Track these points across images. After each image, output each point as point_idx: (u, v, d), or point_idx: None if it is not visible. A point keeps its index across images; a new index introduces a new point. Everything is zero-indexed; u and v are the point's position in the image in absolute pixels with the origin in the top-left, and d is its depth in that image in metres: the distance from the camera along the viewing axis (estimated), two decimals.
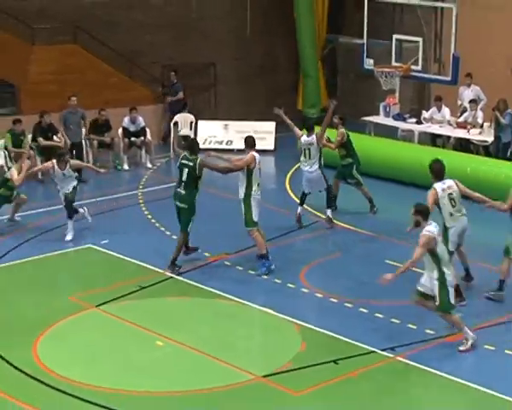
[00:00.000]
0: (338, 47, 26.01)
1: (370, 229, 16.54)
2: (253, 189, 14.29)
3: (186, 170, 14.14)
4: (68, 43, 21.70)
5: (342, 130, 17.50)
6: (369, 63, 22.40)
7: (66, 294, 13.54)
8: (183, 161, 14.26)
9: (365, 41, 22.33)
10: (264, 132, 22.91)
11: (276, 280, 14.09)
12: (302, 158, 16.59)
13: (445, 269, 11.65)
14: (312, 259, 15.09)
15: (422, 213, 11.81)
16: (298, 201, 17.07)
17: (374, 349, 11.78)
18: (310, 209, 17.61)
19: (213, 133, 22.97)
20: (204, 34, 24.42)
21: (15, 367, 11.24)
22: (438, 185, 13.01)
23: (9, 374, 11.13)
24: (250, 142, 14.71)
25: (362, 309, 13.12)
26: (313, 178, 16.39)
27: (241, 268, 14.62)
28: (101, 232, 16.34)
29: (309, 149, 16.42)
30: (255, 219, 14.26)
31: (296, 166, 21.25)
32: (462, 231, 13.28)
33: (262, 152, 22.26)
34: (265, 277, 14.24)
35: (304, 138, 16.56)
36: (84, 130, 20.58)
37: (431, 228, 11.65)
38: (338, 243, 15.98)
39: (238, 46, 25.21)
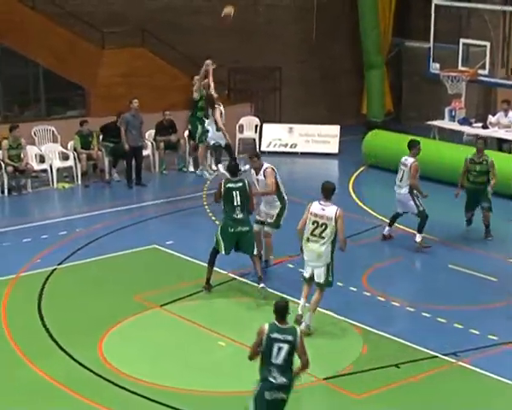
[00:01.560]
0: (404, 51, 25.80)
1: (432, 233, 16.36)
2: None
3: (237, 192, 13.54)
4: (136, 46, 21.93)
5: (492, 160, 16.25)
6: (435, 67, 22.19)
7: (130, 293, 13.67)
8: (230, 185, 13.56)
9: (431, 45, 22.11)
10: (329, 136, 22.87)
11: (339, 283, 14.00)
12: (396, 176, 15.99)
13: None
14: (374, 262, 15.01)
15: None
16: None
17: (436, 354, 11.68)
18: (372, 213, 17.53)
19: (278, 136, 23.00)
20: (270, 38, 24.47)
21: (82, 365, 11.41)
22: None
23: (76, 372, 11.29)
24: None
25: (424, 313, 13.00)
26: (401, 199, 15.84)
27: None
28: (165, 233, 16.49)
29: (403, 171, 15.78)
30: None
31: (360, 169, 21.23)
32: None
33: (326, 155, 22.38)
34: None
35: (403, 158, 15.88)
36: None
37: None
38: (400, 247, 15.84)
39: (304, 50, 25.19)
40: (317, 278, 12.31)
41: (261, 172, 14.31)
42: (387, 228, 16.08)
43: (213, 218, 17.47)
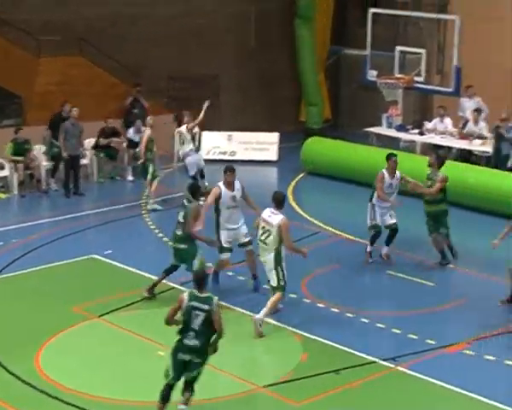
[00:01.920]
0: (342, 58, 26.01)
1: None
2: None
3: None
4: (74, 55, 21.72)
5: (444, 175, 15.09)
6: (372, 74, 22.40)
7: (69, 304, 13.49)
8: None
9: (369, 52, 22.32)
10: (267, 143, 22.93)
11: None
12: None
13: None
14: (314, 269, 15.04)
15: None
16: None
17: (375, 359, 11.75)
18: (310, 219, 17.60)
19: (217, 144, 22.98)
20: (208, 46, 24.46)
21: (18, 378, 11.21)
22: None
23: (12, 384, 11.10)
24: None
25: (363, 319, 13.08)
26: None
27: (242, 278, 14.58)
28: (104, 243, 16.34)
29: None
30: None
31: (299, 176, 21.30)
32: None
33: (265, 163, 22.44)
34: (267, 287, 14.18)
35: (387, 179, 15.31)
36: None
37: None
38: (339, 253, 15.92)
39: (242, 57, 25.25)
40: (272, 282, 12.80)
41: (237, 187, 14.01)
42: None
43: (152, 227, 17.38)
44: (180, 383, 10.12)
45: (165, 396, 10.10)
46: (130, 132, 21.08)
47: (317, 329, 12.63)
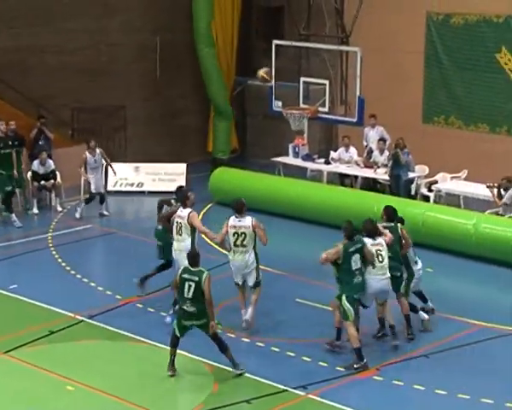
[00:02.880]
0: (247, 89, 26.20)
1: (280, 268, 16.57)
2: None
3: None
4: None
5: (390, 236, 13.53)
6: (277, 105, 22.60)
7: None
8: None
9: (273, 83, 22.54)
10: (175, 174, 22.86)
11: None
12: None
13: None
14: (222, 299, 14.99)
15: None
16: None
17: (286, 388, 11.79)
18: (218, 249, 17.58)
19: (124, 175, 22.79)
20: (114, 77, 24.33)
21: None
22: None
23: None
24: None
25: (273, 348, 13.13)
26: None
27: (152, 310, 14.47)
28: (9, 277, 16.01)
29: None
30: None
31: (208, 206, 21.28)
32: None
33: (173, 193, 22.28)
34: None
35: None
36: None
37: None
38: None
39: (148, 88, 25.18)
40: (250, 283, 13.80)
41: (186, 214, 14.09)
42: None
43: (59, 260, 17.10)
44: None
45: (175, 343, 12.10)
46: (35, 164, 20.73)
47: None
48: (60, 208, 20.88)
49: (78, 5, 23.46)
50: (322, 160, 22.42)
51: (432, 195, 20.45)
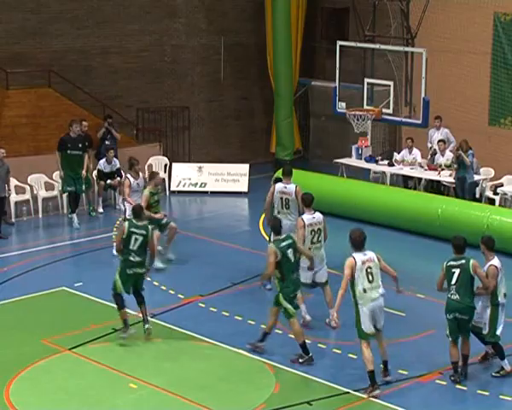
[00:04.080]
0: (310, 90, 26.18)
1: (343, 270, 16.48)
2: None
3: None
4: (43, 87, 21.66)
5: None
6: (341, 106, 22.52)
7: (39, 337, 13.37)
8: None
9: (337, 84, 22.47)
10: (238, 175, 22.95)
11: (250, 322, 14.02)
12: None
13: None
14: None
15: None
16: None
17: (347, 390, 11.72)
18: None
19: (187, 175, 22.96)
20: (178, 78, 24.55)
21: None
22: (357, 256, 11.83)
23: None
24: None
25: (335, 350, 13.07)
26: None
27: (214, 310, 14.54)
28: (75, 275, 16.23)
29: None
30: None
31: None
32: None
33: (236, 194, 22.41)
34: (239, 318, 14.19)
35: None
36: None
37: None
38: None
39: (212, 90, 25.34)
40: (322, 279, 13.96)
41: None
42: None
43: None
44: None
45: (122, 303, 13.26)
46: (101, 163, 21.01)
47: (289, 360, 12.60)
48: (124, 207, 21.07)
49: (142, 7, 23.74)
50: (386, 161, 22.27)
51: (497, 198, 20.16)
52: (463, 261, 11.92)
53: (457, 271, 11.84)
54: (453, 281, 11.83)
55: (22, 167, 20.13)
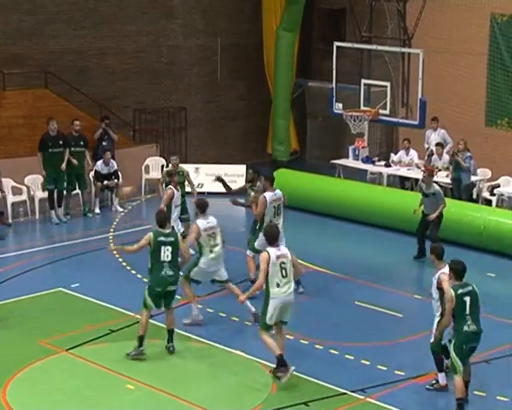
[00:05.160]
0: (307, 91, 26.21)
1: (339, 270, 16.56)
2: None
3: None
4: (39, 87, 21.67)
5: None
6: (337, 107, 22.57)
7: (36, 338, 13.37)
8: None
9: (334, 85, 22.51)
10: (235, 175, 22.94)
11: (247, 322, 14.04)
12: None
13: None
14: None
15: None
16: None
17: (344, 391, 11.75)
18: None
19: None
20: (174, 79, 24.58)
21: None
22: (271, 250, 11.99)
23: None
24: None
25: (332, 351, 13.09)
26: None
27: (211, 311, 14.56)
28: (72, 276, 16.23)
29: None
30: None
31: None
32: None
33: (233, 195, 22.33)
34: (236, 319, 14.21)
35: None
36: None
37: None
38: (308, 285, 15.91)
39: (209, 91, 25.37)
40: (223, 277, 14.19)
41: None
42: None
43: (120, 260, 17.29)
44: None
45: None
46: (98, 165, 21.02)
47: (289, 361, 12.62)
48: (120, 209, 21.13)
49: (139, 8, 23.77)
50: (383, 162, 22.31)
51: (494, 198, 20.20)
52: (470, 288, 11.22)
53: (468, 299, 11.11)
54: (467, 310, 11.08)
55: (19, 168, 20.17)
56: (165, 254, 12.58)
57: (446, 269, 11.45)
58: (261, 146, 25.68)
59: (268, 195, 15.03)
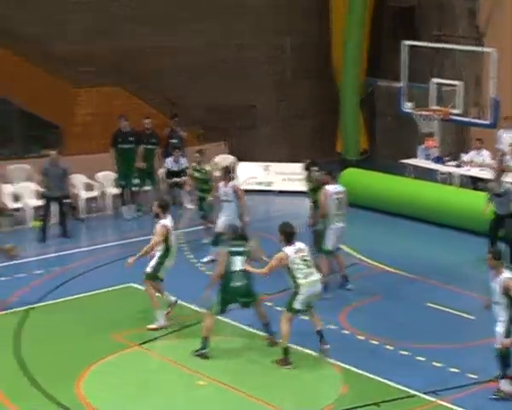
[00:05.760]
0: (377, 90, 26.00)
1: (410, 271, 16.39)
2: None
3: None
4: (113, 85, 21.92)
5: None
6: (407, 106, 22.34)
7: (109, 332, 13.54)
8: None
9: (404, 84, 22.28)
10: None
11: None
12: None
13: None
14: (353, 301, 14.99)
15: None
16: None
17: (416, 393, 11.61)
18: (348, 251, 17.52)
19: (254, 174, 23.00)
20: (245, 78, 24.60)
21: (62, 405, 11.26)
22: None
23: None
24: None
25: (403, 352, 12.96)
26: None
27: (279, 309, 14.50)
28: (141, 272, 16.34)
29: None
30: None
31: None
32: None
33: (302, 193, 22.36)
34: (305, 318, 14.13)
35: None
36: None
37: None
38: (379, 285, 15.83)
39: (279, 89, 25.36)
40: None
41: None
42: None
43: (189, 256, 17.38)
44: None
45: None
46: (168, 162, 21.15)
47: (357, 361, 12.52)
48: (190, 206, 21.23)
49: (210, 7, 23.84)
50: (453, 162, 21.98)
51: None
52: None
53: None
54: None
55: (92, 165, 20.44)
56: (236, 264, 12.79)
57: (508, 273, 11.32)
58: (330, 145, 25.54)
59: (330, 187, 15.27)
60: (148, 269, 13.84)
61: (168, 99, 22.76)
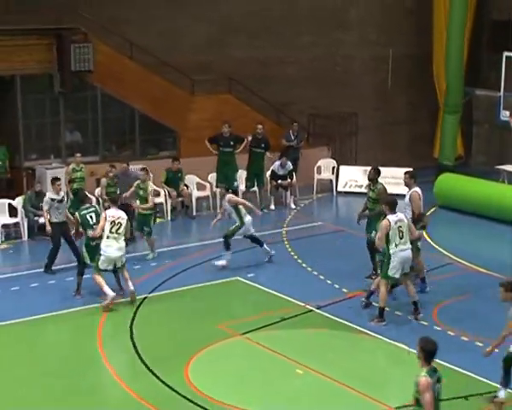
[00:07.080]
0: (475, 98, 25.52)
1: (501, 272, 16.02)
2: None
3: None
4: (223, 93, 22.23)
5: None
6: (505, 114, 21.87)
7: (215, 322, 13.73)
8: None
9: (502, 93, 21.82)
10: (402, 178, 22.60)
11: (409, 317, 13.86)
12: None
13: None
14: (444, 299, 14.78)
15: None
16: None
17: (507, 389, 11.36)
18: (441, 251, 17.29)
19: (354, 177, 22.93)
20: (347, 86, 24.54)
21: (169, 387, 11.50)
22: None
23: (164, 394, 11.38)
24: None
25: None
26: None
27: (376, 304, 14.44)
28: (247, 266, 16.53)
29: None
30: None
31: (431, 209, 21.00)
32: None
33: (400, 196, 22.15)
34: (399, 313, 14.05)
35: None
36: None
37: None
38: (469, 284, 15.56)
39: (379, 97, 25.19)
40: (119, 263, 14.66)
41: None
42: None
43: (292, 253, 17.46)
44: None
45: None
46: (276, 166, 21.33)
47: (447, 355, 12.28)
48: (293, 206, 21.36)
49: (315, 20, 23.87)
50: None
51: None
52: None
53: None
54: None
55: (204, 166, 20.81)
56: None
57: None
58: (427, 151, 25.22)
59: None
60: None
61: (275, 106, 22.90)
